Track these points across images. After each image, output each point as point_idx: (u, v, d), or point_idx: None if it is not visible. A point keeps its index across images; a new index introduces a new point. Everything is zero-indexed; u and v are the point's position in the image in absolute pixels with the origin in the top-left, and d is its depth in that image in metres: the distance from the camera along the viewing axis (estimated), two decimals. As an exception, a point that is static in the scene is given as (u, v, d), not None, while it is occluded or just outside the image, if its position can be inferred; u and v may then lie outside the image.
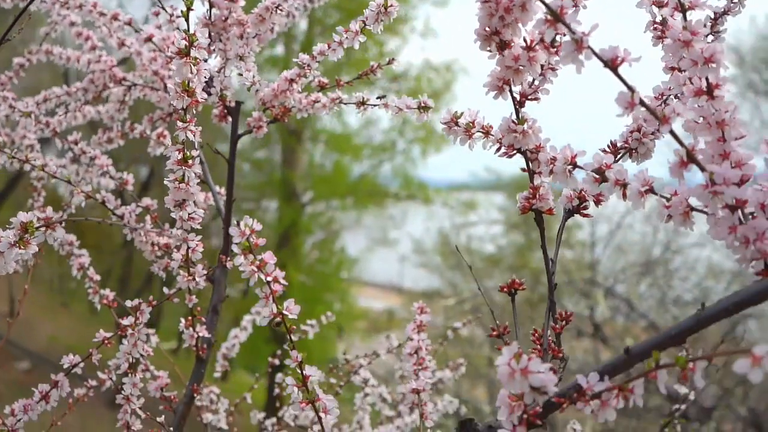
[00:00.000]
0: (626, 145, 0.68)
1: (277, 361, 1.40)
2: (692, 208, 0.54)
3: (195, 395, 0.98)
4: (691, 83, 0.55)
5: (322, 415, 0.64)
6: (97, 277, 1.09)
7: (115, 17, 1.09)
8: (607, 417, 0.51)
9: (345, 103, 0.96)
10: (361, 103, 0.93)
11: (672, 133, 0.50)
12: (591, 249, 7.20)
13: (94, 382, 1.09)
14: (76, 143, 1.11)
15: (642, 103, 0.50)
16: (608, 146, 0.68)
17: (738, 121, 0.53)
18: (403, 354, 0.95)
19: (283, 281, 0.62)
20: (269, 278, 0.61)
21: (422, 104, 0.83)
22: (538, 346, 0.64)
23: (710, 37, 0.71)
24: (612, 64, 0.50)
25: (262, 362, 1.46)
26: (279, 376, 1.20)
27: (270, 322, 0.63)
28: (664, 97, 0.68)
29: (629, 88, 0.50)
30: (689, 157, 0.51)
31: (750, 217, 0.51)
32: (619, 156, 0.68)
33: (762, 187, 0.53)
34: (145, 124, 1.17)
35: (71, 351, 1.02)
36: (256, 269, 0.61)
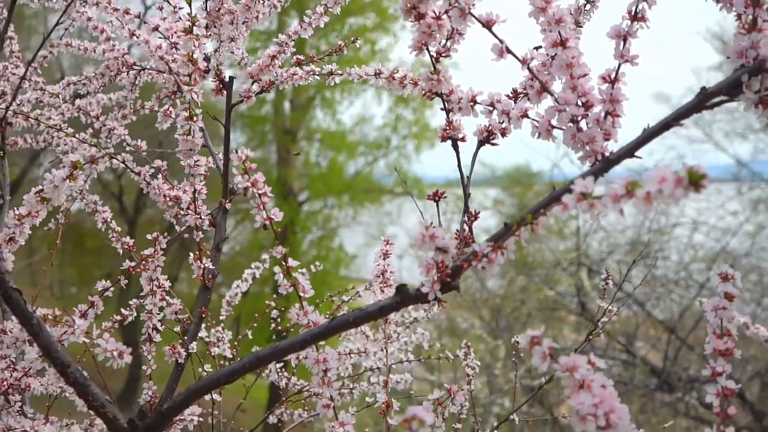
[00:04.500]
0: (524, 91, 0.90)
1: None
2: (553, 126, 0.77)
3: (203, 316, 1.20)
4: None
5: (301, 294, 0.86)
6: (119, 228, 1.31)
7: (126, 12, 1.31)
8: (493, 272, 0.73)
9: (318, 75, 1.18)
10: (330, 74, 1.16)
11: (530, 70, 0.73)
12: (577, 233, 7.44)
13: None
14: (97, 118, 1.33)
15: (508, 50, 0.72)
16: (511, 91, 0.91)
17: (582, 63, 0.75)
18: (372, 275, 1.17)
19: (270, 194, 0.84)
20: (260, 191, 0.83)
21: (377, 71, 1.05)
22: (457, 240, 0.86)
23: (588, 6, 0.94)
24: (488, 24, 0.73)
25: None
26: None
27: (262, 226, 0.85)
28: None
29: (500, 41, 0.73)
30: (543, 88, 0.73)
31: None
32: (519, 99, 0.90)
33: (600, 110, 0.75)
34: (154, 101, 1.39)
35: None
36: (250, 185, 0.83)
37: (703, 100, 0.66)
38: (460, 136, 0.85)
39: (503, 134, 0.89)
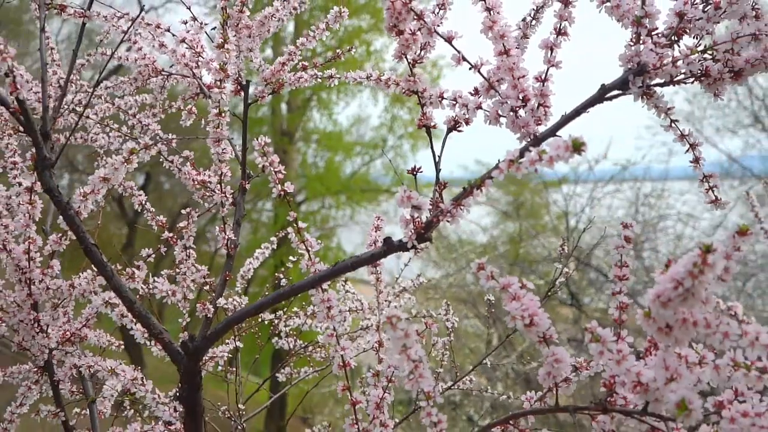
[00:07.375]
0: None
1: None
2: (499, 115, 1.01)
3: (227, 279, 1.45)
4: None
5: (310, 248, 1.11)
6: (153, 209, 1.55)
7: (158, 26, 1.56)
8: (456, 223, 0.98)
9: (320, 78, 1.43)
10: (330, 77, 1.40)
11: (480, 73, 0.98)
12: (567, 228, 7.69)
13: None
14: (134, 116, 1.58)
15: (463, 58, 0.97)
16: (473, 89, 1.16)
17: (521, 67, 1.00)
18: (365, 245, 1.42)
19: (283, 171, 1.09)
20: (276, 169, 1.08)
21: (368, 75, 1.30)
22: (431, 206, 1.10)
23: (534, 21, 1.18)
24: (448, 39, 0.98)
25: (264, 365, 1.90)
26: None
27: (278, 196, 1.10)
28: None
29: (457, 51, 0.97)
30: (489, 86, 0.98)
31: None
32: (479, 96, 1.15)
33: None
34: (180, 101, 1.64)
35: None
36: (268, 164, 1.08)
37: (603, 93, 0.91)
38: (432, 124, 1.10)
39: (467, 123, 1.13)
